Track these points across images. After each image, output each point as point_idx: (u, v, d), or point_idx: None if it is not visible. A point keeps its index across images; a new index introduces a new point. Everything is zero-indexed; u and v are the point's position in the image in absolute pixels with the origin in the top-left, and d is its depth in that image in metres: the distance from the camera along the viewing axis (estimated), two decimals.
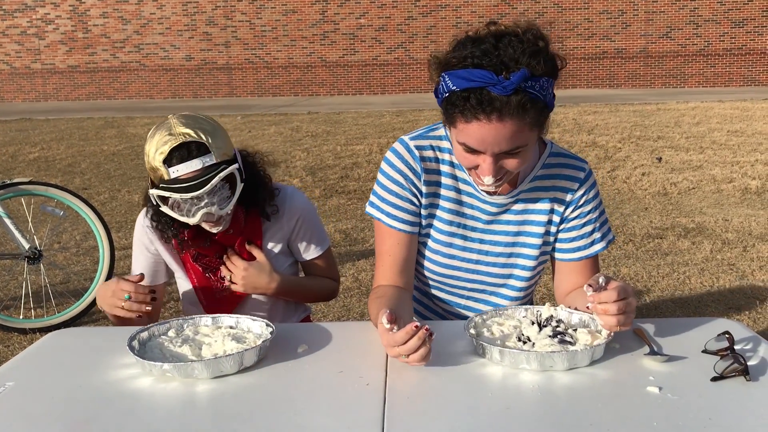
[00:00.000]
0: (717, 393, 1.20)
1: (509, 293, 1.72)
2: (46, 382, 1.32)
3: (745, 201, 6.08)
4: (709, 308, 3.69)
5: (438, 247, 1.65)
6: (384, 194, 1.62)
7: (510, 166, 1.42)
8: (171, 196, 1.65)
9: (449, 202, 1.62)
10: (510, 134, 1.34)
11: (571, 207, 1.62)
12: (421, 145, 1.60)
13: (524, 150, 1.41)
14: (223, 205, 1.70)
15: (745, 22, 18.75)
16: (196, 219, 1.69)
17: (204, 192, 1.64)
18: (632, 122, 10.53)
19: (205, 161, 1.65)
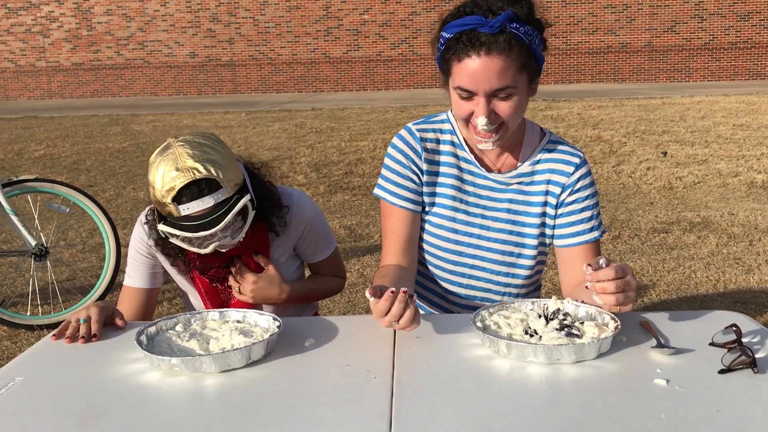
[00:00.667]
0: (724, 385, 1.20)
1: (512, 281, 1.73)
2: (54, 378, 1.32)
3: (751, 195, 6.06)
4: (715, 302, 3.69)
5: (441, 222, 1.71)
6: (388, 174, 1.72)
7: (502, 111, 1.52)
8: (182, 234, 1.60)
9: (451, 178, 1.70)
10: (498, 69, 1.46)
11: (567, 191, 1.67)
12: (423, 128, 1.71)
13: (514, 94, 1.50)
14: (236, 236, 1.66)
15: (750, 15, 18.66)
16: (207, 250, 1.65)
17: (218, 229, 1.59)
18: (637, 117, 10.51)
19: (217, 198, 1.58)
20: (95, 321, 1.51)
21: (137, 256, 1.85)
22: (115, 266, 3.85)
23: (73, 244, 5.08)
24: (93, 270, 4.49)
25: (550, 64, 18.57)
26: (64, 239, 5.20)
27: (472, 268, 1.73)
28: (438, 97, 15.37)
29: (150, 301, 1.87)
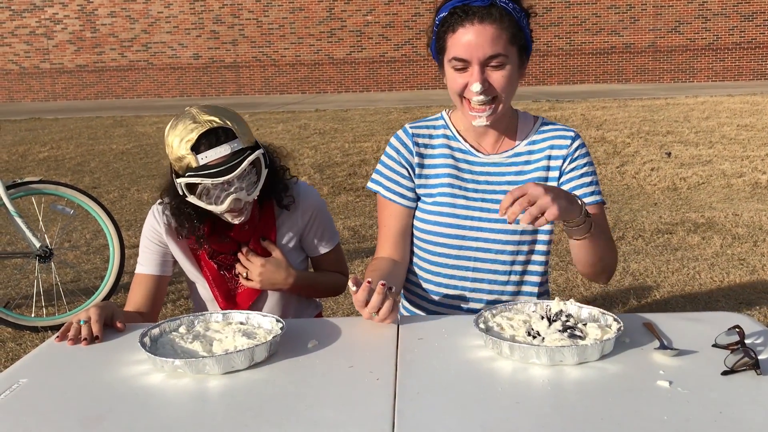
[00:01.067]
0: (727, 387, 1.19)
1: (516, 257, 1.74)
2: (58, 379, 1.33)
3: (755, 195, 6.04)
4: (720, 303, 3.68)
5: (441, 209, 1.74)
6: (382, 169, 1.82)
7: (495, 81, 1.59)
8: (201, 182, 1.65)
9: (446, 168, 1.76)
10: (491, 36, 1.56)
11: (567, 160, 1.73)
12: (417, 126, 1.81)
13: (506, 64, 1.59)
14: (251, 191, 1.72)
15: (754, 16, 18.62)
16: (224, 206, 1.69)
17: (234, 176, 1.65)
18: (641, 117, 10.49)
19: (233, 146, 1.66)
20: (95, 321, 1.51)
21: (149, 244, 1.88)
22: (120, 268, 3.86)
23: (78, 245, 5.10)
24: (97, 271, 4.50)
25: (553, 64, 18.56)
26: (68, 241, 5.22)
27: (476, 250, 1.74)
28: (442, 98, 15.37)
29: (160, 288, 1.89)
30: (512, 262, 1.75)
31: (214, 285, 1.90)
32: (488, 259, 1.74)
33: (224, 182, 1.66)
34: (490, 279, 1.76)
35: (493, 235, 1.73)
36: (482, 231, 1.73)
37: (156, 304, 1.88)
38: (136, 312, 1.84)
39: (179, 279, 4.24)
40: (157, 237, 1.87)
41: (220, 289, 1.90)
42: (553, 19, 18.50)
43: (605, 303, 3.72)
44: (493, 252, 1.74)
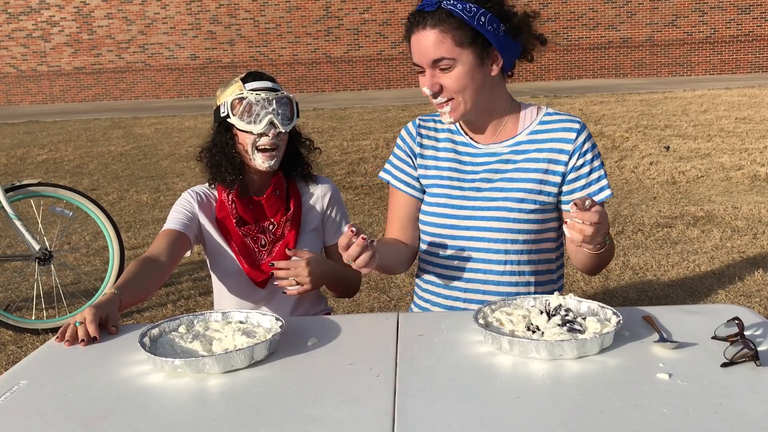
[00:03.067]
0: (727, 379, 1.20)
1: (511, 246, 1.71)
2: (58, 380, 1.33)
3: (754, 188, 6.04)
4: (719, 296, 3.68)
5: (437, 200, 1.77)
6: (392, 159, 1.91)
7: (446, 84, 1.65)
8: (246, 96, 1.89)
9: (447, 161, 1.80)
10: (433, 42, 1.61)
11: (575, 156, 1.71)
12: (425, 119, 1.88)
13: (455, 66, 1.62)
14: (285, 123, 1.92)
15: (751, 8, 18.61)
16: (261, 125, 1.89)
17: (274, 96, 1.90)
18: (639, 111, 10.49)
19: (274, 85, 1.95)
20: (90, 322, 1.51)
21: (179, 209, 1.99)
22: (119, 269, 3.86)
23: (77, 247, 5.10)
24: (97, 273, 4.50)
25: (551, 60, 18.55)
26: (67, 243, 5.22)
27: (469, 240, 1.73)
28: None
29: (180, 245, 1.92)
30: (506, 251, 1.71)
31: (240, 255, 1.97)
32: (482, 249, 1.73)
33: (265, 99, 1.89)
34: (485, 269, 1.73)
35: (485, 222, 1.71)
36: (474, 220, 1.72)
37: (173, 259, 1.88)
38: (153, 258, 1.82)
39: (179, 280, 4.24)
40: (189, 206, 2.00)
41: (247, 259, 1.98)
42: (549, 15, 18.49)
43: (605, 297, 3.72)
44: (486, 241, 1.72)
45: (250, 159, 1.94)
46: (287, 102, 1.95)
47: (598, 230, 1.40)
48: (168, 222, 1.98)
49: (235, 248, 1.99)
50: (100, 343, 1.51)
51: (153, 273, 1.78)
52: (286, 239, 1.99)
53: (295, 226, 2.00)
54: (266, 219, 2.00)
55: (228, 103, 1.92)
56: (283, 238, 2.00)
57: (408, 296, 3.84)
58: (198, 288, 4.11)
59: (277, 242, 1.99)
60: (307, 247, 2.00)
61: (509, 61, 1.71)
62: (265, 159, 1.93)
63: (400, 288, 3.96)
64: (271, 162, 1.94)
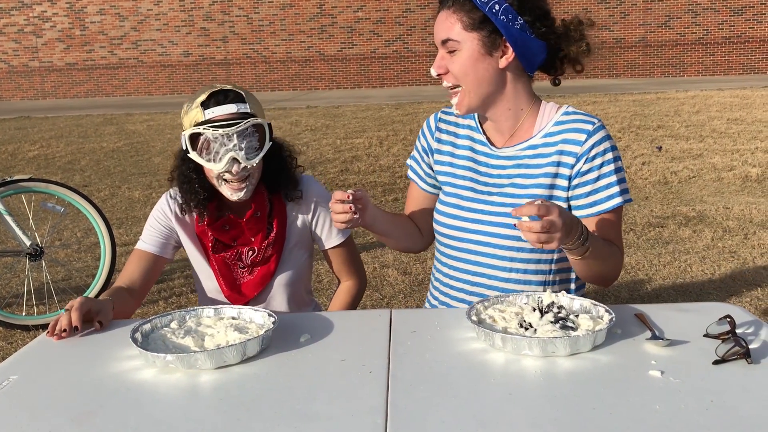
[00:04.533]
0: (719, 376, 1.20)
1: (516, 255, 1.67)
2: (49, 375, 1.32)
3: (745, 189, 6.07)
4: (711, 296, 3.70)
5: (450, 200, 1.75)
6: (413, 151, 1.90)
7: (450, 67, 1.64)
8: (203, 132, 1.71)
9: (465, 160, 1.77)
10: (443, 22, 1.63)
11: (582, 160, 1.62)
12: (447, 112, 1.84)
13: (458, 50, 1.61)
14: (250, 155, 1.75)
15: (743, 10, 18.69)
16: (222, 164, 1.73)
17: (234, 131, 1.71)
18: (632, 112, 10.52)
19: (240, 107, 1.74)
20: (74, 309, 1.51)
21: (155, 224, 1.90)
22: (111, 266, 3.84)
23: (68, 244, 5.07)
24: (88, 270, 4.48)
25: None
26: (59, 239, 5.19)
27: (476, 243, 1.70)
28: (433, 94, 15.37)
29: (155, 268, 1.89)
30: (512, 258, 1.68)
31: (220, 274, 1.90)
32: (488, 253, 1.70)
33: (224, 135, 1.71)
34: (490, 274, 1.70)
35: (492, 228, 1.68)
36: (482, 224, 1.69)
37: (146, 284, 1.88)
38: (125, 288, 1.82)
39: (171, 276, 4.23)
40: (165, 221, 1.89)
41: (226, 279, 1.90)
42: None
43: (597, 296, 3.73)
44: (492, 246, 1.69)
45: (218, 187, 1.81)
46: (253, 132, 1.75)
47: (551, 226, 1.34)
48: (143, 239, 1.90)
49: (214, 266, 1.90)
50: (91, 339, 1.50)
51: (126, 302, 1.77)
52: (269, 265, 1.89)
53: (277, 250, 1.89)
54: (246, 241, 1.87)
55: (186, 138, 1.75)
56: (266, 263, 1.90)
57: (400, 294, 3.84)
58: (189, 284, 4.10)
59: (258, 266, 1.90)
60: (291, 263, 1.92)
61: (527, 59, 1.64)
62: (234, 191, 1.79)
63: (392, 286, 3.96)
64: (241, 194, 1.79)
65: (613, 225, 1.65)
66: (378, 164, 7.53)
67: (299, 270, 1.96)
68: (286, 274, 1.92)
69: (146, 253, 1.89)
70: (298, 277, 1.96)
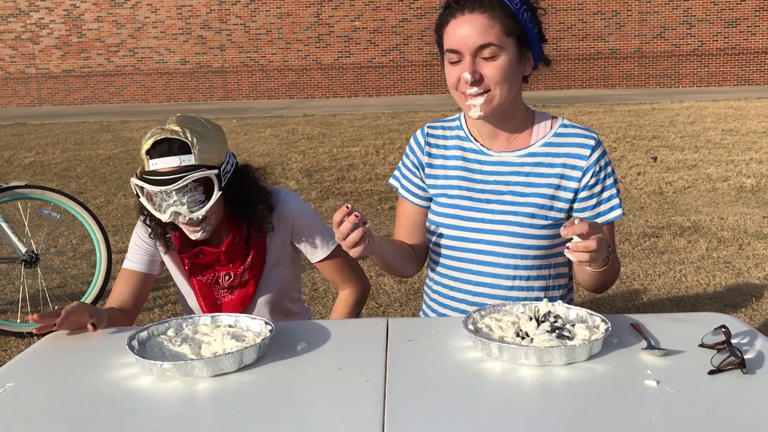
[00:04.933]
0: (714, 386, 1.20)
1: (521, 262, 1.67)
2: (46, 383, 1.32)
3: (740, 199, 6.10)
4: (706, 306, 3.71)
5: (446, 210, 1.73)
6: (401, 166, 1.87)
7: (487, 74, 1.57)
8: (144, 186, 1.68)
9: (457, 170, 1.75)
10: (480, 26, 1.54)
11: (588, 173, 1.67)
12: (433, 126, 1.82)
13: (500, 55, 1.56)
14: (194, 209, 1.69)
15: (738, 22, 18.82)
16: (166, 216, 1.70)
17: (172, 189, 1.65)
18: (627, 122, 10.57)
19: (183, 160, 1.66)
20: (63, 310, 1.53)
21: (138, 242, 1.89)
22: (106, 273, 3.83)
23: (64, 251, 5.06)
24: (84, 277, 4.47)
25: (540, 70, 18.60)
26: (54, 246, 5.18)
27: (479, 253, 1.69)
28: (429, 103, 15.40)
29: (144, 286, 1.89)
30: (515, 266, 1.68)
31: (200, 295, 1.89)
32: (490, 262, 1.69)
33: (163, 192, 1.66)
34: (492, 283, 1.70)
35: (495, 236, 1.67)
36: (484, 233, 1.68)
37: (138, 302, 1.88)
38: (117, 309, 1.83)
39: (167, 284, 4.22)
40: (147, 237, 1.88)
41: (206, 299, 1.89)
42: None
43: (593, 306, 3.73)
44: (494, 255, 1.68)
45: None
46: (195, 186, 1.68)
47: (595, 257, 1.38)
48: (129, 258, 1.89)
49: (195, 288, 1.89)
50: (88, 346, 1.50)
51: (119, 322, 1.77)
52: (248, 288, 1.88)
53: (254, 274, 1.87)
54: (223, 266, 1.86)
55: (134, 184, 1.71)
56: (243, 287, 1.88)
57: (396, 303, 3.84)
58: None
59: (237, 288, 1.88)
60: (272, 283, 1.90)
61: (535, 65, 1.68)
62: (191, 232, 1.76)
63: (389, 294, 3.96)
64: (198, 235, 1.75)
65: (611, 234, 1.73)
66: (374, 173, 7.54)
67: (282, 286, 1.94)
68: (268, 292, 1.91)
69: (134, 272, 1.89)
70: (281, 293, 1.95)
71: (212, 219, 1.76)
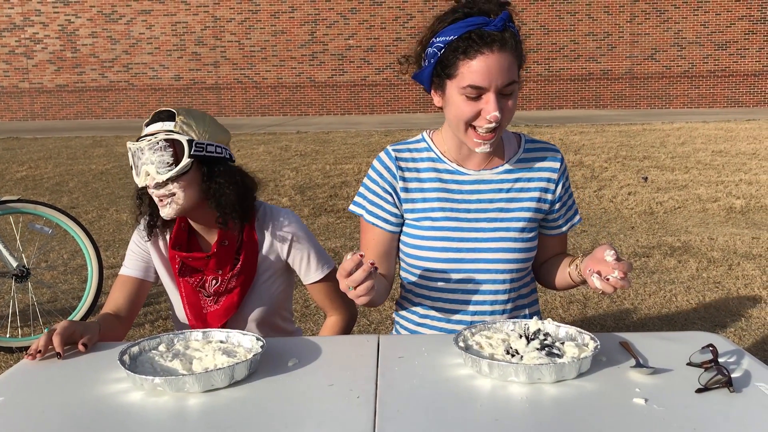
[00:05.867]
0: (701, 404, 1.22)
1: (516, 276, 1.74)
2: (36, 398, 1.32)
3: (729, 220, 6.14)
4: (695, 326, 3.73)
5: (433, 234, 1.71)
6: (365, 192, 1.79)
7: (506, 108, 1.58)
8: (130, 146, 1.77)
9: (435, 192, 1.73)
10: (508, 65, 1.54)
11: (560, 184, 1.78)
12: (399, 149, 1.78)
13: (515, 90, 1.58)
14: (161, 170, 1.72)
15: (728, 45, 19.04)
16: (140, 178, 1.75)
17: (145, 145, 1.72)
18: (618, 142, 10.64)
19: (165, 125, 1.75)
20: (57, 334, 1.51)
21: (135, 248, 1.93)
22: (98, 288, 3.82)
23: (55, 265, 5.04)
24: (74, 292, 4.45)
25: (532, 90, 18.79)
26: (45, 261, 5.16)
27: (475, 272, 1.71)
28: (422, 122, 15.48)
29: (140, 292, 1.92)
30: (511, 279, 1.73)
31: (187, 302, 1.89)
32: (488, 280, 1.71)
33: (138, 149, 1.73)
34: (492, 300, 1.72)
35: (491, 254, 1.70)
36: (479, 252, 1.70)
37: (132, 309, 1.89)
38: (113, 314, 1.84)
39: (158, 300, 4.21)
40: (142, 243, 1.92)
41: (192, 307, 1.89)
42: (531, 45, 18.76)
43: (583, 324, 3.75)
44: (492, 272, 1.70)
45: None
46: (167, 146, 1.72)
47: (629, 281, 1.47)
48: (125, 264, 1.92)
49: (182, 295, 1.90)
50: (78, 361, 1.49)
51: (114, 328, 1.79)
52: (232, 296, 1.86)
53: (241, 282, 1.86)
54: (212, 271, 1.86)
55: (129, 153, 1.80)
56: (228, 294, 1.87)
57: (388, 320, 3.84)
58: None
59: (223, 295, 1.87)
60: (262, 296, 1.89)
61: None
62: (161, 208, 1.77)
63: (380, 311, 3.96)
64: (165, 210, 1.76)
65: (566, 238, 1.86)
66: None
67: (272, 302, 1.93)
68: (256, 306, 1.90)
69: (129, 278, 1.91)
70: (271, 310, 1.94)
71: (180, 196, 1.75)
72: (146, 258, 1.92)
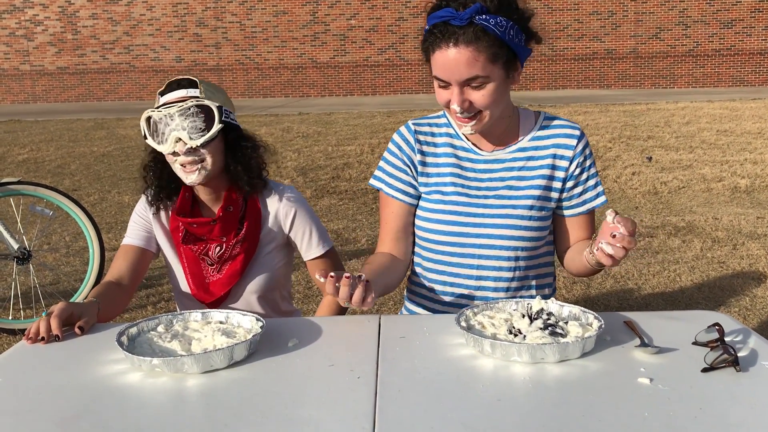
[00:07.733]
0: (707, 384, 1.20)
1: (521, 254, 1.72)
2: (34, 379, 1.30)
3: (734, 200, 6.11)
4: (700, 305, 3.71)
5: (443, 207, 1.73)
6: (385, 166, 1.82)
7: (476, 100, 1.58)
8: (152, 115, 1.74)
9: (449, 167, 1.75)
10: (467, 60, 1.52)
11: (575, 163, 1.73)
12: (419, 123, 1.81)
13: (487, 84, 1.56)
14: (194, 135, 1.72)
15: (733, 23, 18.87)
16: (168, 145, 1.73)
17: (175, 111, 1.70)
18: (622, 122, 10.58)
19: (190, 92, 1.75)
20: (54, 316, 1.50)
21: (137, 219, 1.94)
22: (99, 270, 3.82)
23: (57, 247, 5.04)
24: (76, 274, 4.44)
25: (536, 70, 18.67)
26: (47, 243, 5.16)
27: (480, 247, 1.71)
28: (425, 102, 15.40)
29: (142, 261, 1.91)
30: (516, 257, 1.72)
31: (189, 272, 1.90)
32: (492, 256, 1.72)
33: (167, 116, 1.72)
34: (495, 276, 1.73)
35: (496, 230, 1.70)
36: (485, 227, 1.71)
37: (135, 277, 1.89)
38: (115, 282, 1.82)
39: (160, 282, 4.20)
40: (145, 214, 1.93)
41: (194, 276, 1.90)
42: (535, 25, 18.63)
43: (586, 304, 3.73)
44: (497, 248, 1.71)
45: (177, 172, 1.81)
46: (198, 111, 1.73)
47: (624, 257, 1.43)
48: (127, 235, 1.93)
49: (184, 265, 1.90)
50: (76, 342, 1.48)
51: (116, 297, 1.77)
52: (235, 263, 1.87)
53: (245, 249, 1.87)
54: (216, 238, 1.86)
55: (143, 123, 1.78)
56: (232, 260, 1.88)
57: (390, 300, 3.83)
58: None
59: (227, 262, 1.88)
60: (264, 267, 1.90)
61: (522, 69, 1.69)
62: (187, 174, 1.77)
63: None
64: (193, 176, 1.77)
65: (594, 221, 1.79)
66: (369, 171, 7.53)
67: (273, 276, 1.94)
68: (258, 278, 1.91)
69: (132, 246, 1.91)
70: (272, 284, 1.94)
71: (209, 162, 1.77)
72: (148, 228, 1.93)
